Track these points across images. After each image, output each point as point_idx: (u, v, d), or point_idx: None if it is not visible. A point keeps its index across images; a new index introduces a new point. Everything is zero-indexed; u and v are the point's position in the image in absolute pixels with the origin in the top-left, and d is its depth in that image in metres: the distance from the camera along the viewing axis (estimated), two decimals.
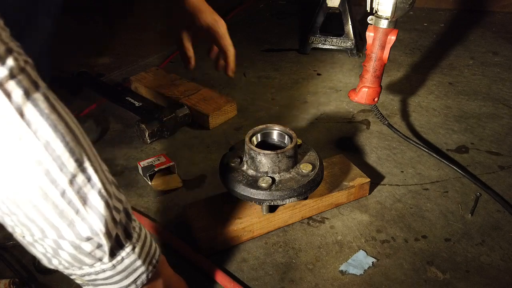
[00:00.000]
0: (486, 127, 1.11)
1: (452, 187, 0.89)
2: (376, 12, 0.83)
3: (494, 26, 1.88)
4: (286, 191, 0.68)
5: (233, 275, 0.70)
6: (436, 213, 0.82)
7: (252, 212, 0.76)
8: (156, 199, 0.87)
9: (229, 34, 0.94)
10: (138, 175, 0.95)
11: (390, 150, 1.02)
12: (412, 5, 0.81)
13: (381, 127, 1.11)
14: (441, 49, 1.65)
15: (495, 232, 0.77)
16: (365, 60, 0.88)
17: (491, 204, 0.84)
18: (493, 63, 1.50)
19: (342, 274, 0.69)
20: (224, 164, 0.75)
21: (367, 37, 0.86)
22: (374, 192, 0.88)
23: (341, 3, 1.56)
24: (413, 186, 0.90)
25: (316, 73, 1.47)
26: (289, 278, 0.69)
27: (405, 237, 0.76)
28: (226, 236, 0.73)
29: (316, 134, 1.10)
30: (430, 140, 1.07)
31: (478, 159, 0.98)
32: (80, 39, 1.83)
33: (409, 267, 0.70)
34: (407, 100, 1.27)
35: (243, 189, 0.69)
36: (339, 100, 1.27)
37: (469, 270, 0.69)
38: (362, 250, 0.74)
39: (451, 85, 1.35)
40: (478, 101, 1.24)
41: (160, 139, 1.06)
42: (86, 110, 1.20)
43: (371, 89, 0.89)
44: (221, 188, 0.88)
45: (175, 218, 0.82)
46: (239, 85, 1.38)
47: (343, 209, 0.83)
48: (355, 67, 1.51)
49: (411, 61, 1.55)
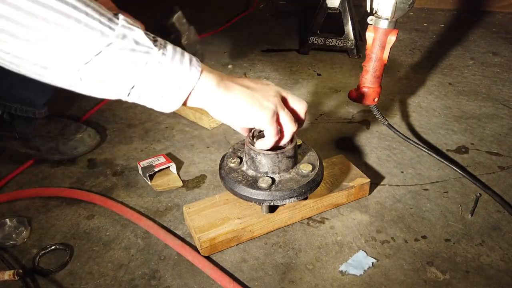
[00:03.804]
0: (486, 127, 1.11)
1: (452, 187, 0.89)
2: (376, 12, 0.83)
3: (494, 26, 1.88)
4: (286, 191, 0.68)
5: (233, 275, 0.69)
6: (436, 213, 0.82)
7: (252, 212, 0.76)
8: (156, 199, 0.87)
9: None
10: (138, 175, 0.95)
11: (390, 150, 1.02)
12: (412, 5, 0.81)
13: (381, 127, 1.11)
14: (441, 50, 1.65)
15: (495, 233, 0.77)
16: (365, 61, 0.88)
17: (491, 204, 0.84)
18: (493, 64, 1.50)
19: (342, 275, 0.69)
20: (224, 165, 0.75)
21: (367, 37, 0.86)
22: (374, 193, 0.88)
23: (341, 3, 1.56)
24: (413, 186, 0.90)
25: (316, 73, 1.47)
26: (289, 279, 0.69)
27: (405, 238, 0.76)
28: (226, 236, 0.73)
29: (316, 134, 1.10)
30: (430, 140, 1.07)
31: (478, 159, 0.98)
32: None
33: (409, 267, 0.70)
34: (407, 100, 1.27)
35: (243, 190, 0.69)
36: (339, 100, 1.27)
37: (469, 271, 0.69)
38: (362, 250, 0.74)
39: (451, 86, 1.35)
40: (478, 102, 1.24)
41: None
42: (86, 115, 1.20)
43: (371, 89, 0.89)
44: (221, 188, 0.89)
45: (175, 218, 0.82)
46: None
47: (343, 210, 0.83)
48: (355, 67, 1.51)
49: (411, 62, 1.55)
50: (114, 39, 0.46)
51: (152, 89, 0.51)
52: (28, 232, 0.78)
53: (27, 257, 0.73)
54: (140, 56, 0.48)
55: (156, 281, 0.68)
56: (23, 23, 0.42)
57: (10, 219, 0.79)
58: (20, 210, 0.85)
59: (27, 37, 0.43)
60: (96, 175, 0.95)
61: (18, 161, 0.98)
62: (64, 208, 0.85)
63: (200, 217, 0.75)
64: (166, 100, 0.53)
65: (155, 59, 0.49)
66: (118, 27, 0.47)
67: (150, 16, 0.91)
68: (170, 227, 0.80)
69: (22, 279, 0.67)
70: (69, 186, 0.92)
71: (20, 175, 0.96)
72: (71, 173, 0.96)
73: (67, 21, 0.44)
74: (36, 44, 0.44)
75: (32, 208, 0.85)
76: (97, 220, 0.82)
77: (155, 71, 0.50)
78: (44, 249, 0.74)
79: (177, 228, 0.80)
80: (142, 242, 0.76)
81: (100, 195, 0.87)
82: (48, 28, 0.43)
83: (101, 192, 0.90)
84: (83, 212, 0.84)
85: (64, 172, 0.96)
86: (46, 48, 0.44)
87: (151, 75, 0.50)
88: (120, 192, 0.90)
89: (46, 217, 0.83)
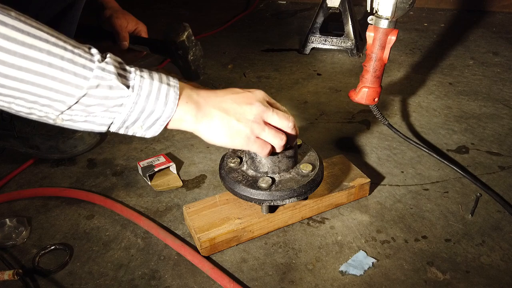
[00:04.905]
0: (486, 127, 1.11)
1: (452, 187, 0.89)
2: (376, 12, 0.83)
3: (494, 26, 1.88)
4: (286, 191, 0.68)
5: (233, 276, 0.69)
6: (436, 213, 0.82)
7: (252, 212, 0.76)
8: (156, 199, 0.87)
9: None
10: (138, 175, 0.95)
11: (390, 150, 1.02)
12: (412, 5, 0.81)
13: (381, 127, 1.11)
14: (441, 49, 1.65)
15: (495, 233, 0.77)
16: (365, 60, 0.88)
17: (491, 204, 0.84)
18: (493, 63, 1.50)
19: (342, 275, 0.69)
20: (224, 164, 0.74)
21: (367, 37, 0.85)
22: (374, 193, 0.88)
23: (341, 3, 1.56)
24: (413, 186, 0.90)
25: (316, 73, 1.46)
26: (289, 279, 0.69)
27: (405, 238, 0.76)
28: (226, 236, 0.73)
29: (316, 134, 1.10)
30: (430, 140, 1.06)
31: (478, 159, 0.98)
32: (79, 38, 1.83)
33: (409, 267, 0.70)
34: (407, 100, 1.27)
35: (243, 190, 0.69)
36: (339, 100, 1.27)
37: (469, 271, 0.69)
38: (362, 250, 0.74)
39: (452, 85, 1.35)
40: (478, 102, 1.24)
41: None
42: None
43: (371, 89, 0.89)
44: (221, 188, 0.89)
45: (175, 218, 0.82)
46: (239, 85, 1.38)
47: (343, 210, 0.83)
48: (355, 67, 1.51)
49: (411, 61, 1.55)
50: (87, 90, 0.49)
51: (129, 124, 0.54)
52: (28, 232, 0.78)
53: (27, 257, 0.73)
54: (114, 101, 0.51)
55: (156, 281, 0.68)
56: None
57: (10, 219, 0.79)
58: (20, 210, 0.85)
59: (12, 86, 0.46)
60: (96, 175, 0.95)
61: (17, 161, 0.98)
62: (64, 208, 0.85)
63: (200, 217, 0.75)
64: (145, 129, 0.56)
65: (129, 101, 0.52)
66: (92, 76, 0.49)
67: (150, 14, 0.90)
68: (170, 227, 0.80)
69: (22, 279, 0.67)
70: (69, 186, 0.92)
71: (20, 175, 0.95)
72: (71, 173, 0.96)
73: (42, 80, 0.46)
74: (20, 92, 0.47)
75: (32, 208, 0.85)
76: (97, 220, 0.82)
77: (131, 110, 0.52)
78: (44, 249, 0.74)
79: (177, 228, 0.80)
80: (142, 242, 0.76)
81: (100, 195, 0.87)
82: (28, 77, 0.46)
83: (101, 192, 0.90)
84: (83, 212, 0.84)
85: (64, 172, 0.96)
86: (26, 100, 0.48)
87: (127, 113, 0.53)
88: (120, 192, 0.90)
89: (46, 217, 0.83)
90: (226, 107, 0.60)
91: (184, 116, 0.57)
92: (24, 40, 0.44)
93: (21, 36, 0.44)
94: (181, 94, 0.56)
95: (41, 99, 0.47)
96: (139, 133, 0.56)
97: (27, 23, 0.45)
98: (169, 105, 0.55)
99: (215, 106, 0.59)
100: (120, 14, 0.97)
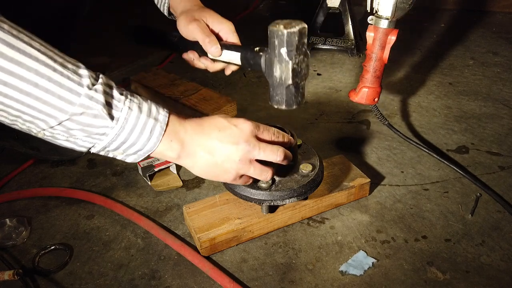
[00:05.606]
0: (486, 127, 1.11)
1: (452, 187, 0.89)
2: (376, 12, 0.83)
3: (494, 26, 1.88)
4: (286, 191, 0.68)
5: (233, 276, 0.69)
6: (436, 213, 0.82)
7: (252, 212, 0.76)
8: (156, 199, 0.87)
9: None
10: (138, 175, 0.95)
11: (390, 150, 1.02)
12: (412, 5, 0.81)
13: (381, 127, 1.11)
14: (441, 49, 1.65)
15: (495, 233, 0.77)
16: (365, 60, 0.88)
17: (491, 204, 0.84)
18: (493, 63, 1.50)
19: (342, 275, 0.69)
20: None
21: (367, 37, 0.85)
22: (374, 193, 0.88)
23: (341, 3, 1.56)
24: (413, 186, 0.90)
25: (316, 73, 1.46)
26: (289, 279, 0.69)
27: (405, 238, 0.76)
28: (226, 236, 0.73)
29: (316, 134, 1.10)
30: (430, 140, 1.06)
31: (478, 159, 0.98)
32: (78, 38, 1.83)
33: (409, 267, 0.70)
34: (407, 100, 1.27)
35: (243, 190, 0.69)
36: (339, 100, 1.27)
37: (469, 271, 0.69)
38: (362, 250, 0.74)
39: (452, 85, 1.35)
40: (478, 101, 1.24)
41: None
42: None
43: (371, 89, 0.89)
44: (221, 188, 0.89)
45: (175, 218, 0.82)
46: (239, 85, 1.38)
47: (343, 210, 0.83)
48: (355, 67, 1.51)
49: (411, 61, 1.55)
50: (70, 116, 0.48)
51: (110, 150, 0.54)
52: (28, 232, 0.78)
53: (27, 257, 0.73)
54: (97, 129, 0.51)
55: (156, 281, 0.68)
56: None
57: (10, 219, 0.79)
58: (20, 210, 0.85)
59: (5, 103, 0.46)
60: (96, 175, 0.95)
61: (17, 161, 0.98)
62: (64, 208, 0.85)
63: (200, 217, 0.75)
64: (125, 155, 0.56)
65: (112, 132, 0.52)
66: (78, 103, 0.48)
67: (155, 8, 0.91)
68: (170, 227, 0.80)
69: (22, 279, 0.67)
70: (69, 186, 0.92)
71: (20, 175, 0.95)
72: (71, 173, 0.96)
73: (26, 99, 0.46)
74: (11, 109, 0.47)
75: (32, 208, 0.85)
76: (97, 220, 0.82)
77: (113, 139, 0.52)
78: (44, 249, 0.74)
79: (177, 228, 0.80)
80: (142, 242, 0.76)
81: (100, 195, 0.87)
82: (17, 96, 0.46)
83: (101, 192, 0.90)
84: (83, 212, 0.84)
85: (64, 172, 0.96)
86: (9, 113, 0.48)
87: (108, 142, 0.53)
88: (120, 192, 0.90)
89: (46, 217, 0.83)
90: (211, 147, 0.59)
91: (166, 152, 0.57)
92: (13, 56, 0.44)
93: (11, 52, 0.43)
94: (167, 131, 0.56)
95: (24, 115, 0.47)
96: (119, 157, 0.56)
97: (19, 38, 0.44)
98: (152, 140, 0.54)
99: (200, 145, 0.59)
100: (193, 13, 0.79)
